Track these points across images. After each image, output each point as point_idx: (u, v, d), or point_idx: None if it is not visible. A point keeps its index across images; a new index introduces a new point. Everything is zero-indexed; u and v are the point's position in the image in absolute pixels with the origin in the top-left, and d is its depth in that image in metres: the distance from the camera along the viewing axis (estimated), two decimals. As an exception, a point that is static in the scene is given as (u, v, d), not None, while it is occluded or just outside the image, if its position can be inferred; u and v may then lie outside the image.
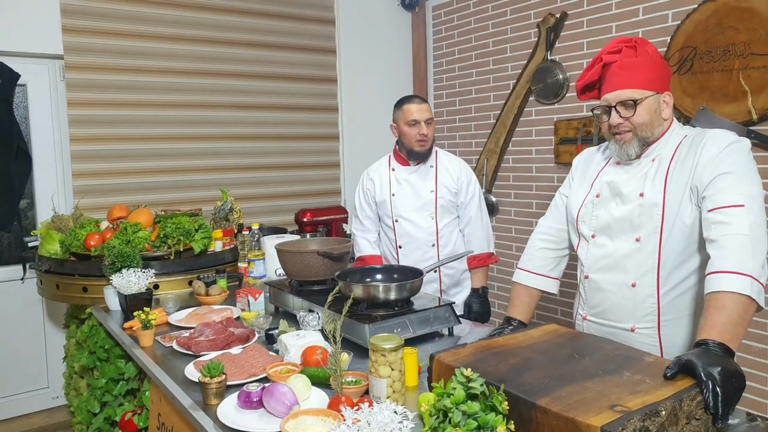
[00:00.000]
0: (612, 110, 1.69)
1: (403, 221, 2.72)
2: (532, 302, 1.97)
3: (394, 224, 2.74)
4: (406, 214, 2.70)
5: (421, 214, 2.69)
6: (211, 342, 1.87)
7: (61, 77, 3.57)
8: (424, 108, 2.63)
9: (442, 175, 2.69)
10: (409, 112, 2.62)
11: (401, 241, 2.74)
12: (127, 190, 3.68)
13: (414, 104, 2.64)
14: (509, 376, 1.31)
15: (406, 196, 2.71)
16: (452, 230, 2.73)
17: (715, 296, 1.41)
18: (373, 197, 2.80)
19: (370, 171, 2.87)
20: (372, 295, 1.95)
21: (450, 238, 2.72)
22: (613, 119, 1.70)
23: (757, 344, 2.89)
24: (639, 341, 1.69)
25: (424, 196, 2.69)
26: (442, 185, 2.68)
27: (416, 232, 2.70)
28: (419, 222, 2.69)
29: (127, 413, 1.98)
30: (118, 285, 2.30)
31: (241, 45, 4.05)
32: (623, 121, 1.68)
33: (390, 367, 1.44)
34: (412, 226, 2.70)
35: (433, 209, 2.68)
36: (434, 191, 2.68)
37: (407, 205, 2.70)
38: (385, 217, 2.78)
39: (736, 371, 1.24)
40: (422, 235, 2.69)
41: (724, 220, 1.47)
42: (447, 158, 2.76)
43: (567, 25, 3.68)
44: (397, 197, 2.73)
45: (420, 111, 2.61)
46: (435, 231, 2.69)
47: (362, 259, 2.85)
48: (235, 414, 1.43)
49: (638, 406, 1.13)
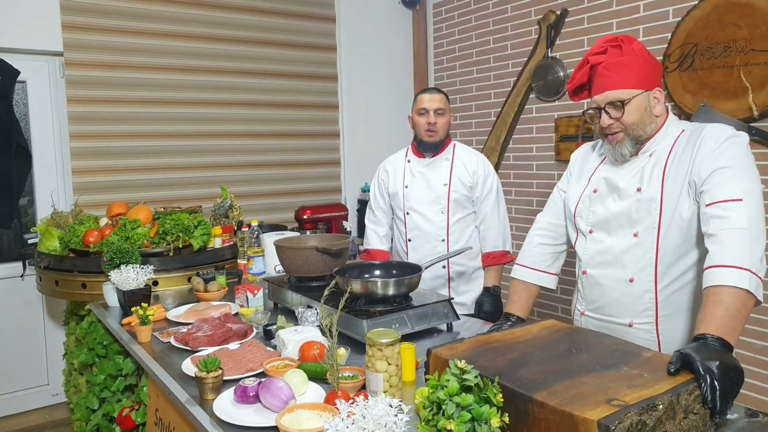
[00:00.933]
0: (602, 111, 1.69)
1: (414, 214, 2.68)
2: (530, 298, 1.97)
3: (405, 217, 2.70)
4: (418, 206, 2.66)
5: (433, 208, 2.64)
6: (209, 337, 1.87)
7: (61, 74, 3.57)
8: (436, 98, 2.59)
9: (457, 169, 2.62)
10: (420, 101, 2.61)
11: (411, 234, 2.70)
12: (127, 187, 3.69)
13: (426, 93, 2.62)
14: (506, 370, 1.31)
15: (418, 188, 2.66)
16: (466, 226, 2.66)
17: (714, 290, 1.40)
18: (386, 188, 2.77)
19: (386, 162, 2.83)
20: (370, 290, 1.95)
21: (462, 234, 2.65)
22: (603, 121, 1.69)
23: (758, 342, 2.88)
24: (637, 336, 1.68)
25: (437, 189, 2.63)
26: (456, 178, 2.61)
27: (426, 225, 2.65)
28: (430, 215, 2.64)
29: (125, 409, 1.98)
30: (116, 281, 2.30)
31: (241, 42, 4.05)
32: (613, 122, 1.68)
33: (387, 361, 1.43)
34: (422, 220, 2.66)
35: (445, 203, 2.62)
36: (447, 185, 2.61)
37: (419, 198, 2.66)
38: (397, 209, 2.74)
39: (735, 366, 1.23)
40: (432, 230, 2.64)
41: (723, 215, 1.47)
42: (465, 152, 2.69)
43: (567, 22, 3.67)
44: (409, 189, 2.68)
45: (431, 100, 2.58)
46: (446, 226, 2.63)
47: (369, 252, 2.83)
48: (232, 409, 1.43)
49: (635, 401, 1.13)
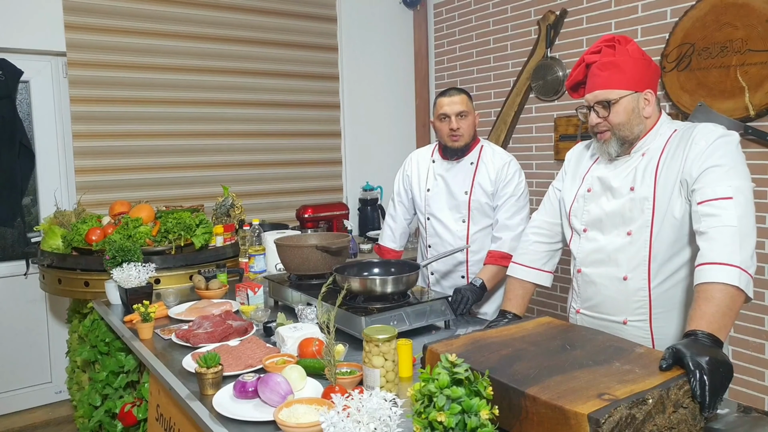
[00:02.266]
0: (591, 110, 1.72)
1: (434, 220, 2.57)
2: (526, 295, 1.99)
3: (426, 222, 2.60)
4: (438, 213, 2.55)
5: (453, 216, 2.52)
6: (209, 334, 1.90)
7: (64, 74, 3.60)
8: (456, 101, 2.42)
9: (480, 175, 2.47)
10: (439, 105, 2.46)
11: (430, 240, 2.61)
12: (130, 187, 3.71)
13: (446, 97, 2.45)
14: (500, 366, 1.33)
15: (440, 193, 2.54)
16: (487, 235, 2.51)
17: (704, 287, 1.42)
18: (410, 185, 2.67)
19: (414, 155, 2.71)
20: (368, 288, 1.98)
21: (483, 243, 2.50)
22: (591, 119, 1.73)
23: (754, 339, 2.89)
24: (631, 334, 1.71)
25: (458, 197, 2.50)
26: (478, 186, 2.46)
27: (446, 234, 2.54)
28: (450, 224, 2.52)
29: (127, 405, 2.01)
30: (118, 279, 2.33)
31: (243, 42, 4.08)
32: (601, 121, 1.71)
33: (383, 357, 1.46)
34: (442, 227, 2.54)
35: (465, 212, 2.49)
36: (468, 193, 2.47)
37: (440, 205, 2.54)
38: (419, 212, 2.66)
39: (724, 361, 1.26)
40: (451, 239, 2.52)
41: (713, 213, 1.49)
42: (492, 155, 2.50)
43: (567, 23, 3.69)
44: (431, 193, 2.56)
45: (451, 104, 2.42)
46: (465, 235, 2.51)
47: (379, 248, 2.80)
48: (231, 403, 1.45)
49: (625, 395, 1.15)
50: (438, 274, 2.63)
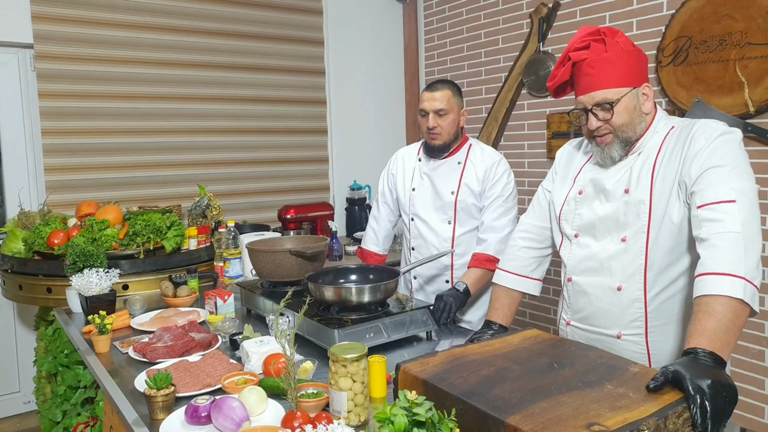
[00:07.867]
0: (589, 113, 1.58)
1: (418, 221, 2.45)
2: (513, 305, 1.86)
3: (410, 223, 2.49)
4: (423, 213, 2.43)
5: (439, 217, 2.40)
6: (169, 348, 1.75)
7: (32, 67, 3.44)
8: (437, 96, 2.29)
9: (468, 175, 2.36)
10: (421, 100, 2.34)
11: (414, 242, 2.48)
12: (103, 186, 3.55)
13: (427, 92, 2.33)
14: (479, 389, 1.21)
15: (425, 193, 2.43)
16: (474, 238, 2.39)
17: (705, 300, 1.29)
18: (394, 185, 2.55)
19: (400, 153, 2.60)
20: (343, 297, 1.83)
21: (469, 246, 2.39)
22: (591, 123, 1.58)
23: (754, 346, 2.77)
24: (625, 349, 1.58)
25: (444, 197, 2.38)
26: (465, 186, 2.36)
27: (430, 236, 2.42)
28: (435, 225, 2.41)
29: (80, 425, 1.87)
30: (78, 286, 2.18)
31: (222, 35, 3.92)
32: (602, 124, 1.57)
33: (351, 378, 1.32)
34: (427, 229, 2.43)
35: (451, 213, 2.38)
36: (455, 193, 2.36)
37: (425, 205, 2.43)
38: (403, 213, 2.54)
39: (728, 384, 1.13)
40: (436, 241, 2.41)
41: (715, 218, 1.35)
42: (481, 153, 2.39)
43: (560, 15, 3.56)
44: (416, 193, 2.45)
45: (430, 100, 2.30)
46: (451, 237, 2.39)
47: (362, 251, 2.68)
48: (181, 430, 1.31)
49: (618, 425, 1.04)
50: (422, 278, 2.49)
